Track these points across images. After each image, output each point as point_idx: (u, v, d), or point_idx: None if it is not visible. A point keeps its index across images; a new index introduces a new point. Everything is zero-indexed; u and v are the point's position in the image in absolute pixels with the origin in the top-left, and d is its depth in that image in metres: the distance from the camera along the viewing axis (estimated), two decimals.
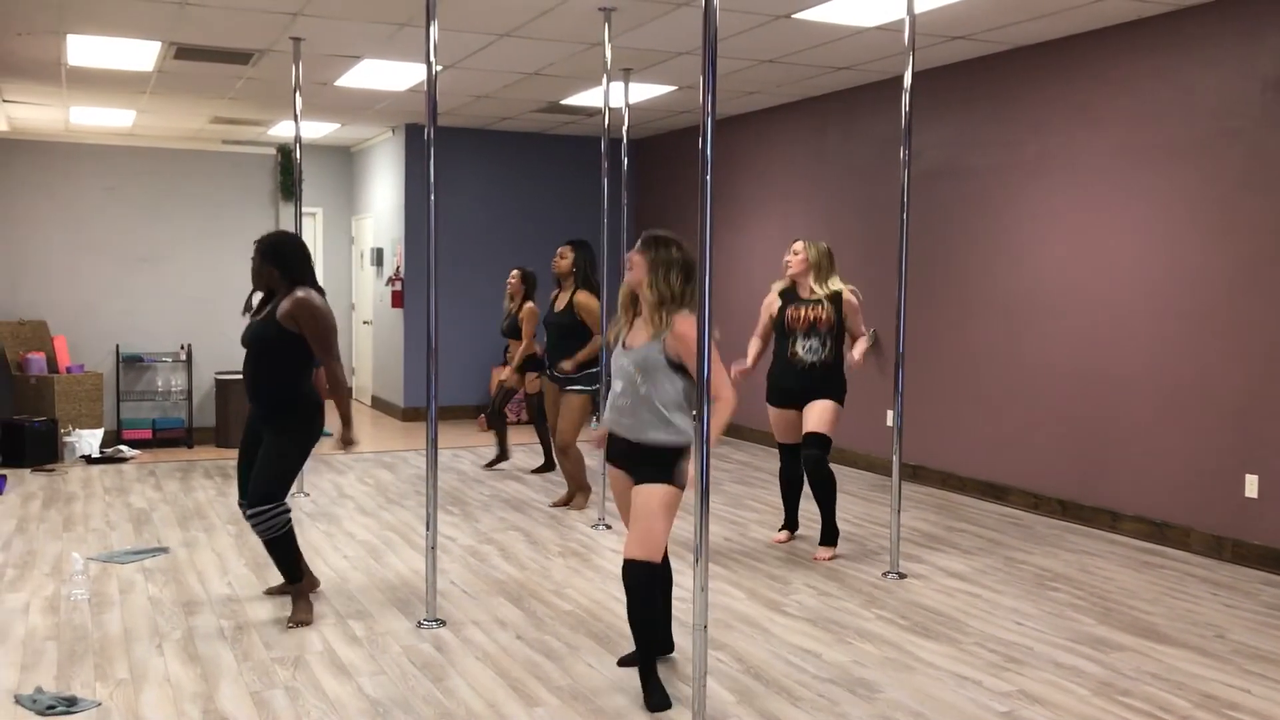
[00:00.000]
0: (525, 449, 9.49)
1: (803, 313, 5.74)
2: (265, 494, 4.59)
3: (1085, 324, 6.69)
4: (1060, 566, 5.72)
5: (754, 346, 6.00)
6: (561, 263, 6.91)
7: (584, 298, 6.78)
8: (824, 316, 5.70)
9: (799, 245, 5.87)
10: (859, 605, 5.01)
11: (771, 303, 5.91)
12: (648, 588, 3.78)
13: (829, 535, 5.84)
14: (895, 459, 5.55)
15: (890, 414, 5.59)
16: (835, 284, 5.77)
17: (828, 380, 5.75)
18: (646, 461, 3.79)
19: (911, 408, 6.75)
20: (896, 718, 3.74)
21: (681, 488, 3.78)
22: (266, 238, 4.76)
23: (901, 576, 5.47)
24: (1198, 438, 6.04)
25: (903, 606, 5.00)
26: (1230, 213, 5.89)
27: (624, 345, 3.93)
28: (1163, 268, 6.23)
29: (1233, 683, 4.11)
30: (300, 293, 4.59)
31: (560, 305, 6.93)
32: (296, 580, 4.76)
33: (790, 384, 5.80)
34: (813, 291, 5.78)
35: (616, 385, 3.87)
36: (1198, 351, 6.04)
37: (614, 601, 5.01)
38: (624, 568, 3.76)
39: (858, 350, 5.74)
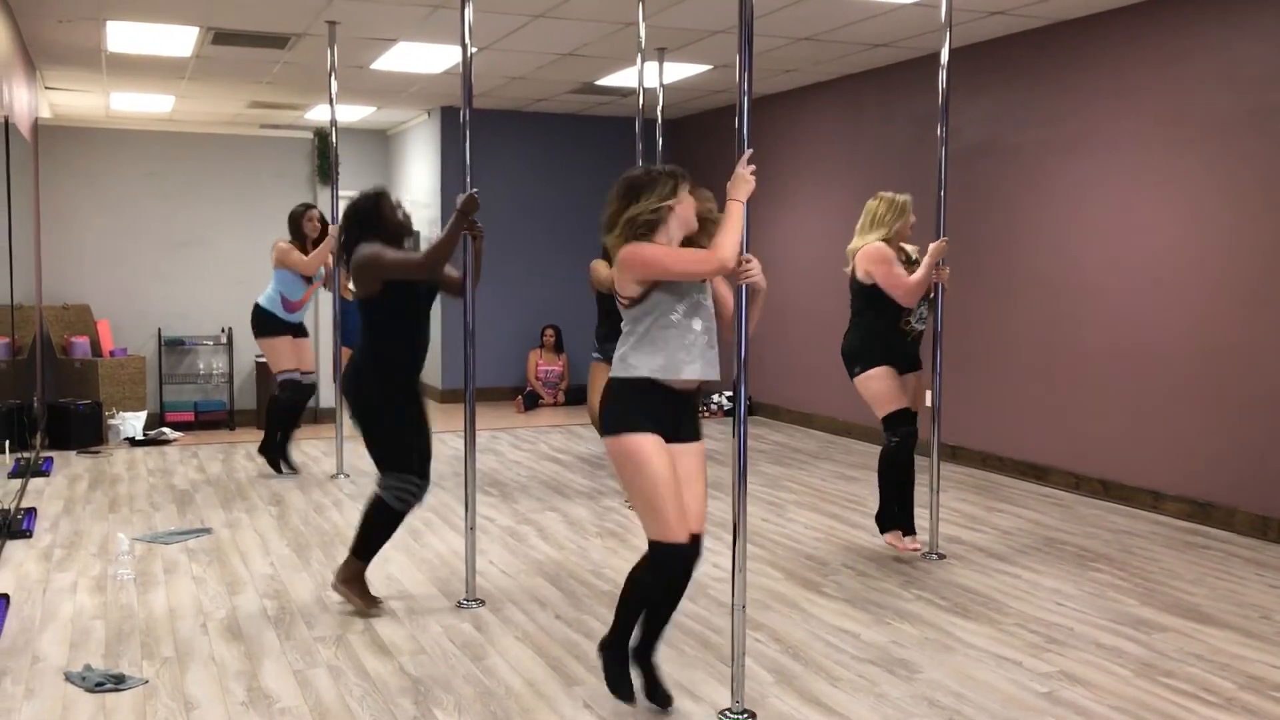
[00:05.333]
0: (563, 430, 9.52)
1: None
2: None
3: (1126, 302, 6.60)
4: (1101, 547, 5.67)
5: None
6: None
7: None
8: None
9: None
10: (898, 586, 4.99)
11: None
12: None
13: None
14: (934, 439, 5.52)
15: (929, 394, 5.55)
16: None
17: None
18: (694, 411, 3.52)
19: (950, 387, 6.70)
20: (936, 698, 3.73)
21: None
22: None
23: (941, 557, 5.44)
24: (1242, 416, 5.95)
25: (942, 587, 4.98)
26: (1275, 187, 5.78)
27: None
28: (1205, 244, 6.13)
29: (1278, 664, 4.05)
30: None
31: None
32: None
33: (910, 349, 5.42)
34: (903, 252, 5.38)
35: (696, 325, 3.43)
36: (1242, 328, 5.95)
37: None
38: (688, 551, 3.43)
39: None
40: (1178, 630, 4.41)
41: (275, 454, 7.52)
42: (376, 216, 4.57)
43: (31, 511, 6.27)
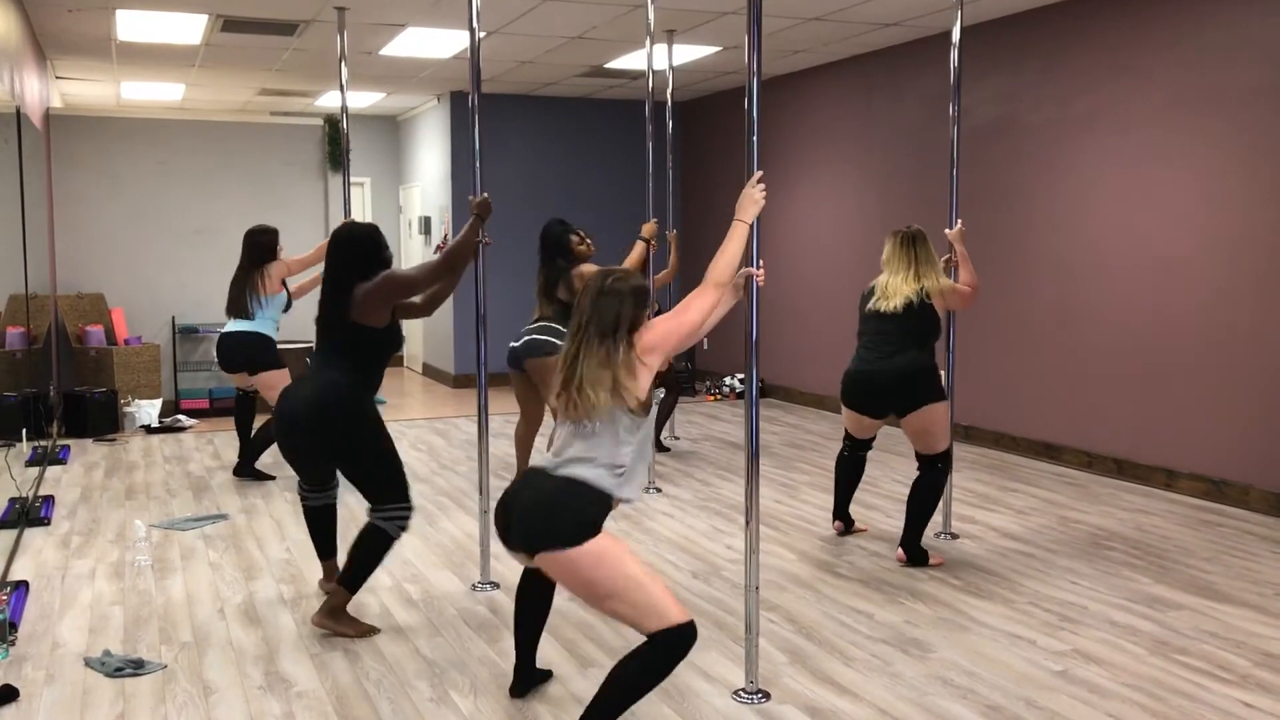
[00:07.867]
0: None
1: None
2: None
3: (1140, 280, 6.57)
4: (1115, 525, 5.67)
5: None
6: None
7: None
8: None
9: None
10: (911, 565, 5.00)
11: None
12: None
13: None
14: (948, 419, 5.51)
15: (942, 374, 5.53)
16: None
17: None
18: None
19: (963, 368, 6.68)
20: (949, 677, 3.73)
21: None
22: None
23: (954, 537, 5.45)
24: (1256, 394, 5.93)
25: (956, 567, 4.98)
26: None
27: None
28: (1218, 221, 6.10)
29: None
30: None
31: None
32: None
33: None
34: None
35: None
36: (1255, 306, 5.92)
37: (665, 564, 5.04)
38: (694, 627, 3.00)
39: None
40: (1192, 608, 4.40)
41: (252, 469, 7.02)
42: (375, 250, 4.21)
43: (49, 499, 6.32)
